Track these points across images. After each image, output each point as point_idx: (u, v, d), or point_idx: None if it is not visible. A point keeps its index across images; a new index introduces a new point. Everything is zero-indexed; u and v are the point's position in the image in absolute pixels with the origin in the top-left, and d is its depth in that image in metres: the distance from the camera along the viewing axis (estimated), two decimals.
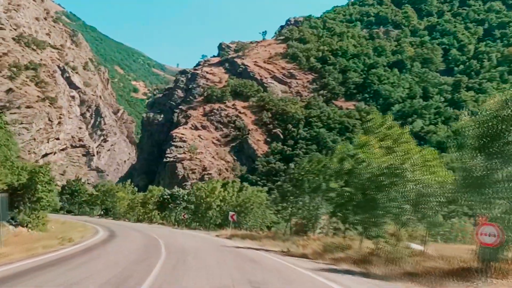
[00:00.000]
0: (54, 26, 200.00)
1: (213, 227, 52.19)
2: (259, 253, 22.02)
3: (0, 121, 31.29)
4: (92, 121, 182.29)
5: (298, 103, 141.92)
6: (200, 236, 37.97)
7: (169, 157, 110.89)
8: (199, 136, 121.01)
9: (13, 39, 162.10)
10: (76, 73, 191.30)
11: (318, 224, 30.60)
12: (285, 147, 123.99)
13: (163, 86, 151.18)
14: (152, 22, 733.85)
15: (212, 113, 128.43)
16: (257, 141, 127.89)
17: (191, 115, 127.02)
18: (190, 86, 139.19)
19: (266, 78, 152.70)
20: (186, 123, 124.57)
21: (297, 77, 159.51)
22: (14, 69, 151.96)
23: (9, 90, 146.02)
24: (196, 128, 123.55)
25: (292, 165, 70.98)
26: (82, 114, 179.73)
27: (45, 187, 27.45)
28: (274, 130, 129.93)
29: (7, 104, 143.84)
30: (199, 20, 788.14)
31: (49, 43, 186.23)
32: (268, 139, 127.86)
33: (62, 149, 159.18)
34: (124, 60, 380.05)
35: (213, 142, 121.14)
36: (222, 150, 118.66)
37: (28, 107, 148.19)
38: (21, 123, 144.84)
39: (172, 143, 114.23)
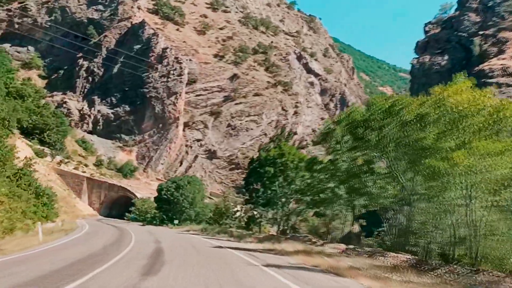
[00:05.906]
0: (288, 13, 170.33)
1: None
2: None
3: None
4: (337, 112, 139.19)
5: None
6: None
7: None
8: None
9: (239, 21, 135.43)
10: (315, 59, 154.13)
11: None
12: None
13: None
14: (392, 28, 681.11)
15: None
16: None
17: (507, 40, 67.89)
18: (490, 4, 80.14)
19: None
20: (500, 52, 66.06)
21: None
22: (240, 54, 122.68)
23: (234, 77, 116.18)
24: None
25: None
26: (325, 105, 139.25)
27: None
28: None
29: (232, 94, 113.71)
30: None
31: (283, 30, 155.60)
32: None
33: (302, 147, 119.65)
34: (368, 67, 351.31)
35: None
36: None
37: (256, 94, 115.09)
38: (248, 115, 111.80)
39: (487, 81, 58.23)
